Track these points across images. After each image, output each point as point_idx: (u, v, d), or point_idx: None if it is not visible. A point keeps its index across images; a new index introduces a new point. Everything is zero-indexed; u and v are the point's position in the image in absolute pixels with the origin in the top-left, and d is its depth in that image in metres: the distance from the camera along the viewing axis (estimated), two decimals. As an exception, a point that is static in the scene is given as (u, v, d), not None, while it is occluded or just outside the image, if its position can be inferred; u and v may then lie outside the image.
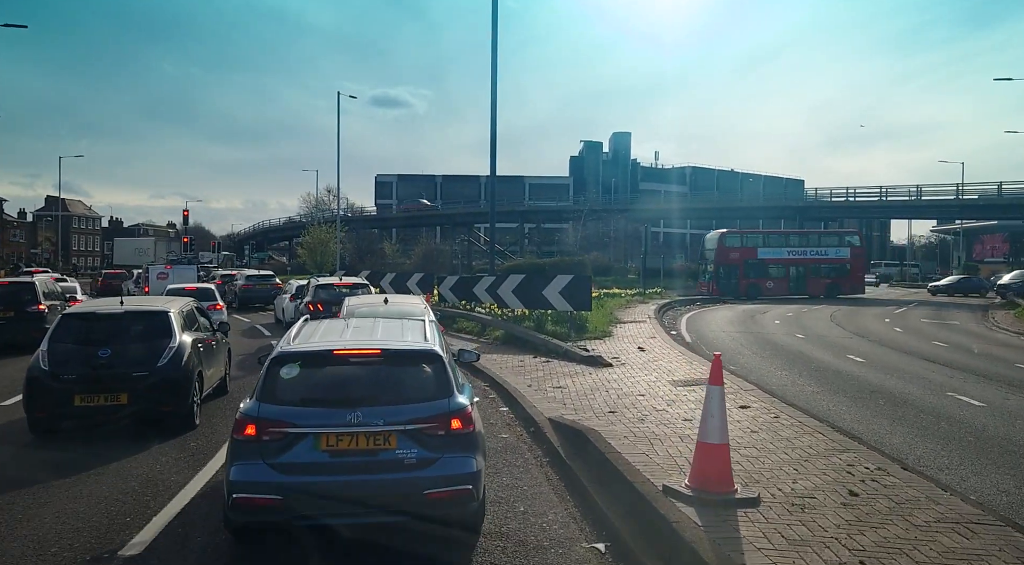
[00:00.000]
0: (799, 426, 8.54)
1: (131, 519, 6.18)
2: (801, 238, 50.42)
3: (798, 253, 47.90)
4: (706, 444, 5.77)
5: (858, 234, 52.68)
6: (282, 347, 5.72)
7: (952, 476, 7.50)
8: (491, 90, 24.19)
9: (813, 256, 47.86)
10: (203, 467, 7.68)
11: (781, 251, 47.97)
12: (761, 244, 48.51)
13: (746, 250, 47.18)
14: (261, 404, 5.31)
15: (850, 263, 48.19)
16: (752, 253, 47.16)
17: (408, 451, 5.19)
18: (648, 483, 6.01)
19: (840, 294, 46.52)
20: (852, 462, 6.94)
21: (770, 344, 20.23)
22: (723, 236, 48.69)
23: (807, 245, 48.75)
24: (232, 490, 5.11)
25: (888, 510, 5.58)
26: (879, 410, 10.97)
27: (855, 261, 48.72)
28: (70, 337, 9.53)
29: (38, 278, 20.46)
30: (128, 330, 9.78)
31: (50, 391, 9.05)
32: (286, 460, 5.12)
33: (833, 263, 47.97)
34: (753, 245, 48.10)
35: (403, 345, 5.81)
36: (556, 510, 6.38)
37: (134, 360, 9.34)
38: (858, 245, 50.09)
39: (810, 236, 51.29)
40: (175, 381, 9.43)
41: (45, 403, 9.10)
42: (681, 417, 9.10)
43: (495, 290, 20.70)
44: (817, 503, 5.72)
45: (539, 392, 11.23)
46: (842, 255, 48.32)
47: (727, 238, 48.41)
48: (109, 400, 9.04)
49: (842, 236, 51.38)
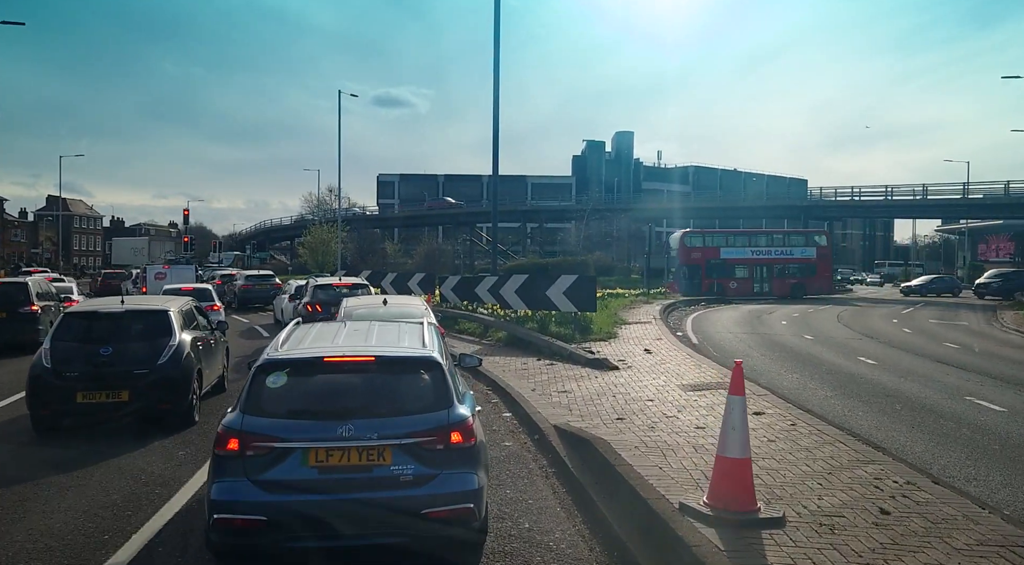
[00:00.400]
0: (818, 434, 8.11)
1: (131, 514, 6.32)
2: (766, 238, 49.94)
3: (762, 253, 47.27)
4: (726, 458, 5.34)
5: (825, 234, 51.92)
6: (268, 353, 5.31)
7: (981, 488, 7.08)
8: (494, 89, 23.77)
9: (778, 256, 47.25)
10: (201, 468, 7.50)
11: (745, 251, 47.27)
12: (724, 244, 47.92)
13: (708, 250, 46.78)
14: (245, 416, 4.90)
15: (816, 263, 47.52)
16: (715, 253, 46.67)
17: (404, 467, 4.78)
18: (663, 500, 5.58)
19: (807, 294, 45.77)
20: (879, 475, 6.51)
21: (778, 346, 19.80)
22: (685, 235, 48.51)
23: (772, 245, 48.23)
24: (213, 509, 4.70)
25: (924, 531, 5.14)
26: (897, 416, 10.54)
27: (821, 261, 47.96)
28: (72, 335, 9.60)
29: (31, 279, 20.07)
30: (129, 329, 9.86)
31: (53, 388, 9.12)
32: (272, 477, 4.72)
33: (799, 263, 47.31)
34: (716, 245, 47.56)
35: (399, 352, 5.39)
36: (564, 527, 5.96)
37: (135, 358, 9.45)
38: (824, 244, 49.21)
39: (775, 236, 50.81)
40: (175, 379, 9.54)
41: (48, 400, 9.16)
42: (693, 425, 8.67)
43: (497, 290, 20.29)
44: (847, 523, 5.29)
45: (543, 397, 10.81)
46: (808, 255, 47.54)
47: (688, 238, 48.15)
48: (111, 397, 9.15)
49: (808, 236, 50.61)
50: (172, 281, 29.56)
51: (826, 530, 5.14)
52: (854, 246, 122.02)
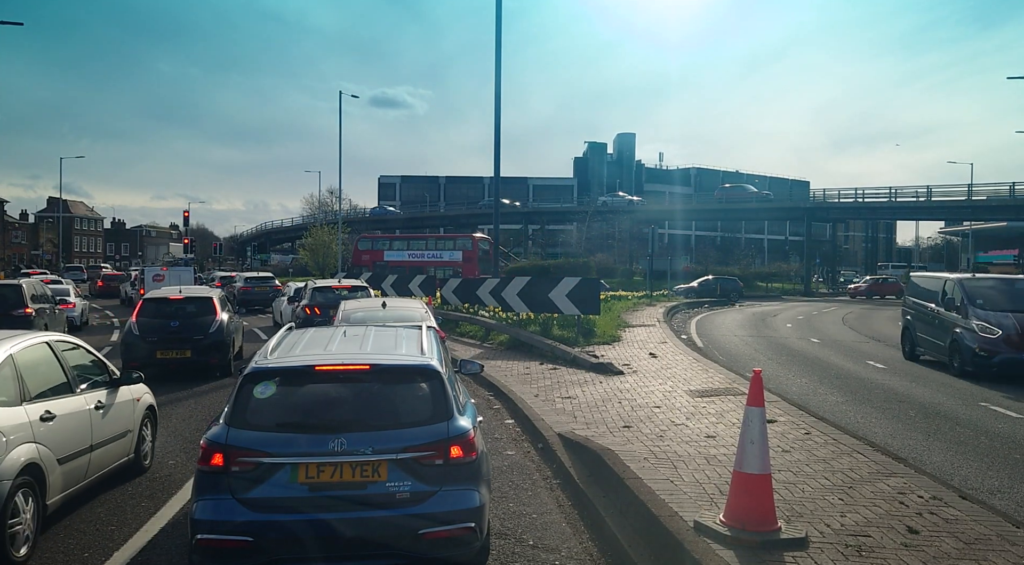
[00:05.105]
0: (834, 444, 7.78)
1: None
2: (420, 242, 55.90)
3: (417, 256, 52.03)
4: (744, 474, 5.00)
5: (472, 239, 55.56)
6: (257, 362, 4.96)
7: (1007, 501, 6.75)
8: (495, 90, 23.44)
9: (430, 259, 51.34)
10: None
11: (403, 254, 52.40)
12: (387, 248, 53.96)
13: (375, 252, 52.14)
14: (230, 429, 4.57)
15: (462, 265, 50.67)
16: (380, 255, 51.63)
17: (400, 484, 4.46)
18: (676, 518, 5.23)
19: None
20: (902, 489, 6.17)
21: (785, 349, 19.47)
22: (358, 240, 55.30)
23: (426, 249, 53.74)
24: (196, 530, 4.38)
25: (958, 553, 4.80)
26: (911, 423, 10.20)
27: (467, 263, 51.18)
28: (150, 313, 14.02)
29: (26, 281, 19.74)
30: (186, 309, 14.23)
31: (140, 348, 13.44)
32: (258, 495, 4.40)
33: (447, 265, 50.63)
34: (381, 248, 53.54)
35: (396, 360, 5.04)
36: (570, 544, 5.63)
37: (194, 328, 13.81)
38: (470, 249, 53.19)
39: (428, 240, 56.87)
40: (221, 342, 14.01)
41: (137, 356, 13.21)
42: (703, 434, 8.33)
43: (499, 293, 19.94)
44: (874, 543, 4.95)
45: (547, 403, 10.48)
46: (455, 258, 51.69)
47: (360, 242, 55.06)
48: (178, 354, 13.60)
49: (456, 240, 56.16)
50: (171, 283, 29.19)
51: (852, 552, 4.79)
52: (856, 248, 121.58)
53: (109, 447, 6.81)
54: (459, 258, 51.63)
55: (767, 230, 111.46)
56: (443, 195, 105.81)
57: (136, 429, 7.45)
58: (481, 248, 52.04)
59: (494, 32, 23.08)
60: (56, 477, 5.77)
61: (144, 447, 7.68)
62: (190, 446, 8.65)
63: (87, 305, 27.77)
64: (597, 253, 64.05)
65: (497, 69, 23.34)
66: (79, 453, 6.20)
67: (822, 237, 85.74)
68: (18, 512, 5.19)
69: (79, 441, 6.22)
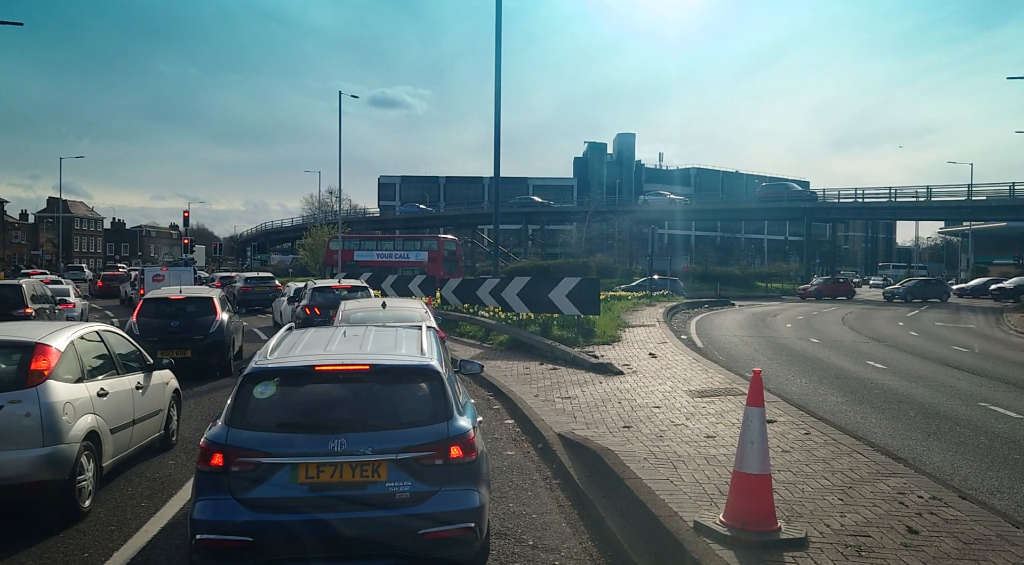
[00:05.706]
0: (834, 444, 7.78)
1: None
2: (389, 243, 56.97)
3: (385, 256, 52.79)
4: (744, 474, 5.01)
5: (438, 239, 56.76)
6: (256, 362, 4.97)
7: (1007, 501, 6.76)
8: (495, 89, 23.46)
9: (397, 259, 52.09)
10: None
11: (372, 254, 53.02)
12: (358, 248, 54.48)
13: (346, 252, 51.96)
14: (230, 429, 4.57)
15: (427, 265, 51.16)
16: (350, 255, 51.74)
17: (400, 484, 4.46)
18: (676, 518, 5.24)
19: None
20: (902, 489, 6.17)
21: (784, 349, 19.47)
22: (330, 241, 55.29)
23: (394, 249, 54.69)
24: (196, 530, 4.38)
25: (958, 553, 4.81)
26: (911, 423, 10.21)
27: (432, 263, 51.64)
28: (150, 313, 14.16)
29: (26, 281, 19.73)
30: (187, 309, 14.31)
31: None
32: (258, 495, 4.40)
33: (414, 265, 51.06)
34: (351, 248, 53.75)
35: (396, 360, 5.04)
36: (570, 544, 5.63)
37: (194, 328, 13.93)
38: (435, 250, 53.52)
39: (396, 241, 57.72)
40: (221, 342, 14.09)
41: None
42: (703, 434, 8.34)
43: (499, 293, 19.94)
44: (874, 544, 4.95)
45: (547, 403, 10.48)
46: (421, 258, 51.94)
47: (332, 242, 54.70)
48: (179, 354, 13.28)
49: (423, 241, 56.57)
50: (171, 283, 29.18)
51: (852, 552, 4.80)
52: (856, 248, 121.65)
53: (146, 423, 7.85)
54: (425, 258, 52.28)
55: (767, 230, 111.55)
56: (443, 195, 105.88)
57: (166, 409, 8.47)
58: (447, 249, 53.46)
59: (494, 32, 23.11)
60: (109, 444, 6.83)
61: (171, 425, 8.66)
62: (190, 446, 8.64)
63: (87, 305, 27.76)
64: (597, 253, 64.04)
65: (497, 69, 23.36)
66: (125, 425, 7.25)
67: (822, 237, 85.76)
68: (83, 470, 6.26)
69: (125, 415, 7.28)
